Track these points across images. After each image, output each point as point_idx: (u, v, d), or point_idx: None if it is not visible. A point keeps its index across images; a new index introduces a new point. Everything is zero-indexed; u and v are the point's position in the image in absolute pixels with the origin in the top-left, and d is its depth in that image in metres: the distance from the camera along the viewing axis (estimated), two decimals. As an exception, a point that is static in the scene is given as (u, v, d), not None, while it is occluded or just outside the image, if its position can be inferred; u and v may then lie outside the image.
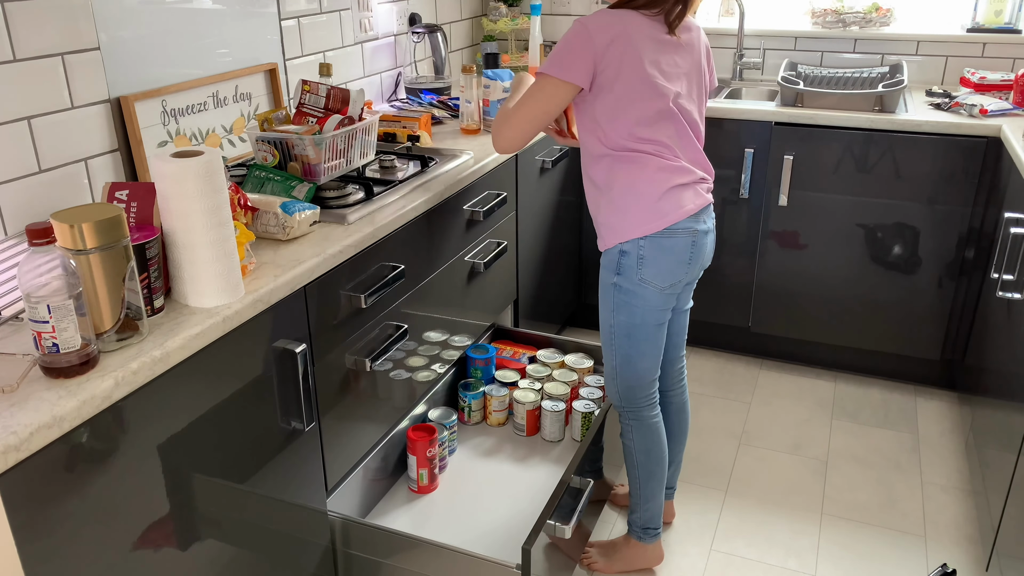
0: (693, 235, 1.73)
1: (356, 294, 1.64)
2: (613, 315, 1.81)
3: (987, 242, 2.51)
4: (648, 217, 1.70)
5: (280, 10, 2.18)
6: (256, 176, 1.73)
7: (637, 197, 1.70)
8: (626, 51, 1.62)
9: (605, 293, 1.81)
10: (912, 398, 2.82)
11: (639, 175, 1.69)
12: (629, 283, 1.75)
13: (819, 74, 2.87)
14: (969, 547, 2.15)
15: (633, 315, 1.78)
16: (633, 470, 1.93)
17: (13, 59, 1.49)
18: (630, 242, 1.72)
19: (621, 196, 1.71)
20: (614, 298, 1.79)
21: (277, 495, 1.52)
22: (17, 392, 1.06)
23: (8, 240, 1.51)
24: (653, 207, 1.70)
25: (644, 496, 1.94)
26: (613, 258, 1.76)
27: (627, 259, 1.74)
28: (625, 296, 1.77)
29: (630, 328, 1.80)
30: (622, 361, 1.84)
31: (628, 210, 1.71)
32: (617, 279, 1.76)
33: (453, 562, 1.64)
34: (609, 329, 1.83)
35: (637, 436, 1.90)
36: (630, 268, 1.74)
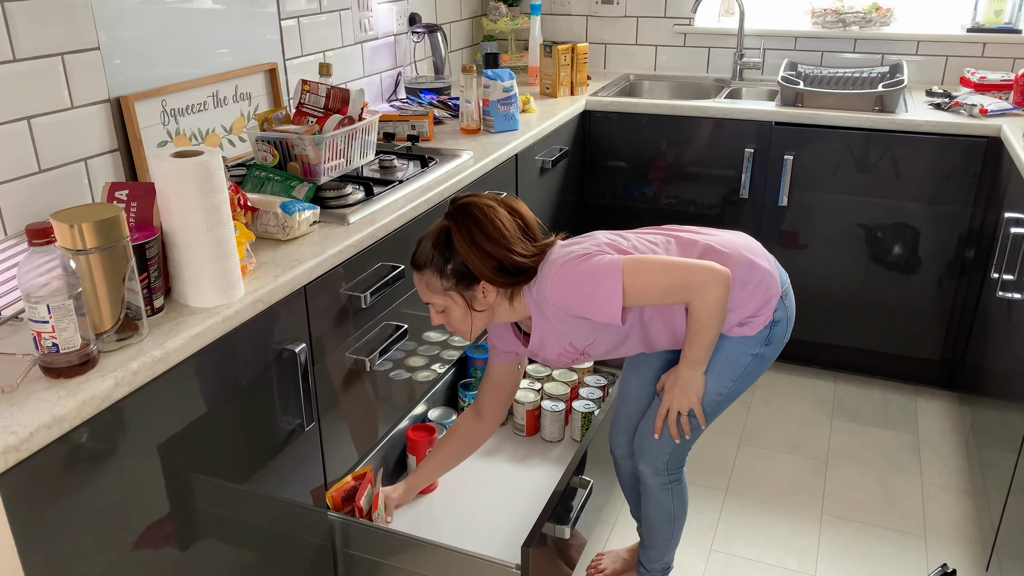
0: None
1: (356, 294, 1.64)
2: (733, 384, 1.66)
3: (987, 242, 2.51)
4: (767, 275, 1.61)
5: (280, 10, 2.18)
6: (256, 176, 1.73)
7: (747, 280, 1.59)
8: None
9: (734, 365, 1.65)
10: (912, 398, 2.82)
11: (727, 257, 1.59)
12: (774, 350, 1.66)
13: (819, 74, 2.87)
14: (969, 547, 2.15)
15: (753, 379, 1.68)
16: (668, 527, 1.86)
17: (13, 59, 1.49)
18: (779, 309, 1.62)
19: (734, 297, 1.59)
20: (746, 368, 1.65)
21: (277, 495, 1.52)
22: (17, 392, 1.06)
23: (8, 240, 1.51)
24: (762, 269, 1.61)
25: (674, 544, 1.90)
26: (763, 330, 1.63)
27: (779, 327, 1.64)
28: (761, 364, 1.66)
29: (738, 393, 1.69)
30: (696, 427, 1.71)
31: (753, 295, 1.60)
32: (763, 349, 1.64)
33: (453, 562, 1.64)
34: (714, 397, 1.67)
35: (676, 496, 1.82)
36: (781, 335, 1.65)
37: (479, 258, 1.48)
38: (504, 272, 1.51)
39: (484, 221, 1.49)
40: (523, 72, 3.22)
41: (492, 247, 1.49)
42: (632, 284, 1.48)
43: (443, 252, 1.51)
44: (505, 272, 1.51)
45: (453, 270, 1.51)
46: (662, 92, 3.28)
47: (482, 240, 1.48)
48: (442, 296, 1.54)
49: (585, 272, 1.49)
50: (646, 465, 1.78)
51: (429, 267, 1.53)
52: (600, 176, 2.95)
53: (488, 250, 1.48)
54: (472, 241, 1.48)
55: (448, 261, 1.51)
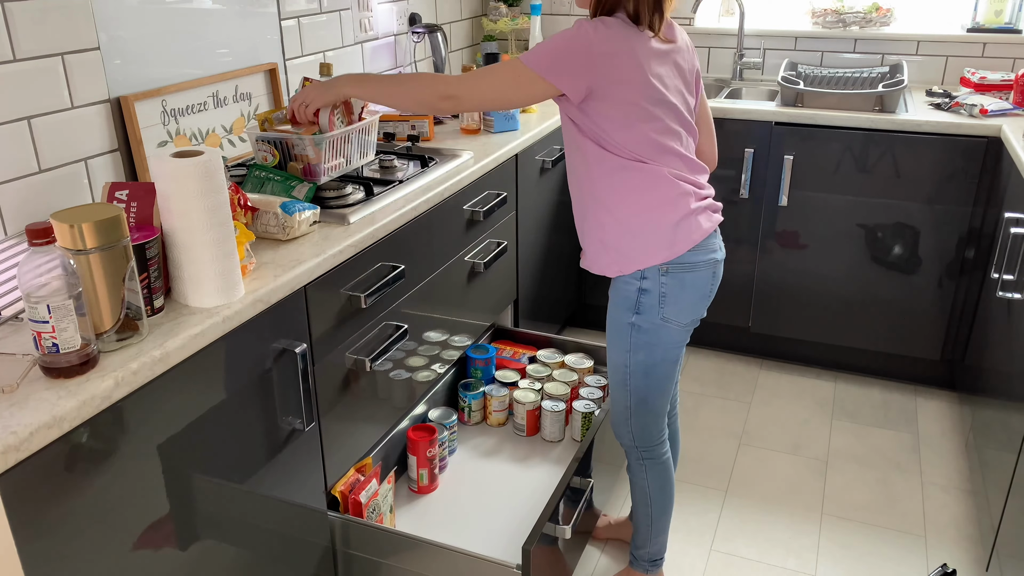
0: (714, 267, 1.66)
1: (356, 294, 1.64)
2: (629, 355, 1.70)
3: (987, 242, 2.51)
4: (665, 243, 1.60)
5: (280, 10, 2.18)
6: (256, 176, 1.73)
7: (653, 219, 1.59)
8: (629, 62, 1.52)
9: (619, 333, 1.69)
10: (912, 398, 2.82)
11: (654, 193, 1.59)
12: (649, 323, 1.65)
13: (819, 74, 2.87)
14: (969, 547, 2.15)
15: (653, 354, 1.68)
16: (645, 508, 1.88)
17: (13, 59, 1.49)
18: (650, 278, 1.62)
19: (635, 216, 1.60)
20: (631, 338, 1.68)
21: (277, 495, 1.52)
22: (17, 392, 1.06)
23: (8, 240, 1.51)
24: (671, 233, 1.60)
25: (656, 531, 1.90)
26: (630, 296, 1.65)
27: (647, 297, 1.64)
28: (644, 336, 1.67)
29: (648, 367, 1.70)
30: (638, 401, 1.75)
31: (642, 233, 1.60)
32: (636, 319, 1.66)
33: (453, 562, 1.64)
34: (624, 370, 1.72)
35: (651, 475, 1.84)
36: (651, 307, 1.64)
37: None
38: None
39: None
40: (523, 72, 3.22)
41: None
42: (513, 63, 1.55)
43: None
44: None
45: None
46: (662, 92, 3.27)
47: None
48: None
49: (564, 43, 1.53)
50: (618, 438, 1.85)
51: None
52: (600, 176, 2.95)
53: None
54: None
55: None
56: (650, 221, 1.60)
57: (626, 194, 1.60)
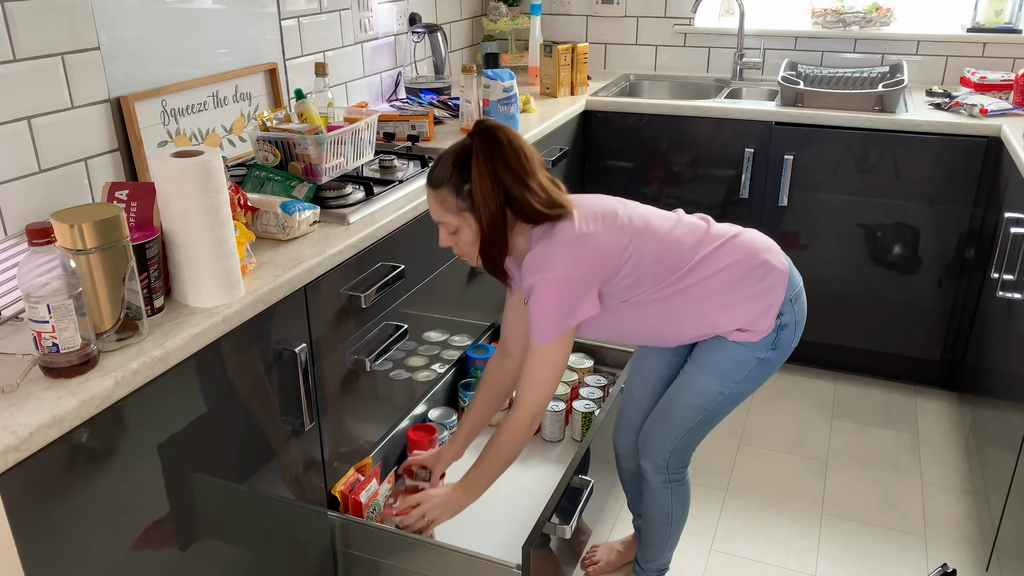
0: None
1: (356, 294, 1.64)
2: (736, 386, 1.64)
3: (987, 242, 2.51)
4: (777, 274, 1.60)
5: (280, 10, 2.18)
6: (256, 176, 1.73)
7: (757, 276, 1.59)
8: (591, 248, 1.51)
9: (739, 366, 1.62)
10: (912, 398, 2.82)
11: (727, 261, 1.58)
12: (780, 355, 1.63)
13: (819, 74, 2.87)
14: (969, 547, 2.15)
15: (759, 382, 1.65)
16: (665, 527, 1.85)
17: (13, 59, 1.49)
18: (786, 313, 1.60)
19: (731, 283, 1.57)
20: (751, 371, 1.63)
21: (277, 495, 1.52)
22: (17, 392, 1.06)
23: (8, 240, 1.51)
24: (772, 267, 1.60)
25: (670, 545, 1.89)
26: (770, 336, 1.61)
27: (786, 332, 1.62)
28: (767, 368, 1.63)
29: (740, 396, 1.66)
30: (700, 426, 1.70)
31: (760, 292, 1.58)
32: (770, 354, 1.62)
33: (453, 562, 1.64)
34: (715, 397, 1.65)
35: (675, 495, 1.81)
36: (787, 340, 1.63)
37: (492, 185, 1.46)
38: (514, 208, 1.49)
39: (508, 149, 1.46)
40: (523, 72, 3.22)
41: (509, 178, 1.46)
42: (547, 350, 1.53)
43: (462, 171, 1.47)
44: (515, 208, 1.49)
45: (471, 191, 1.48)
46: (662, 92, 3.28)
47: (501, 168, 1.46)
48: (456, 216, 1.51)
49: (543, 296, 1.49)
50: (648, 462, 1.78)
51: (446, 185, 1.49)
52: (600, 176, 2.95)
53: (504, 179, 1.46)
54: (491, 167, 1.45)
55: (466, 181, 1.48)
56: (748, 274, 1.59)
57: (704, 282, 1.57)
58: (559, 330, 1.52)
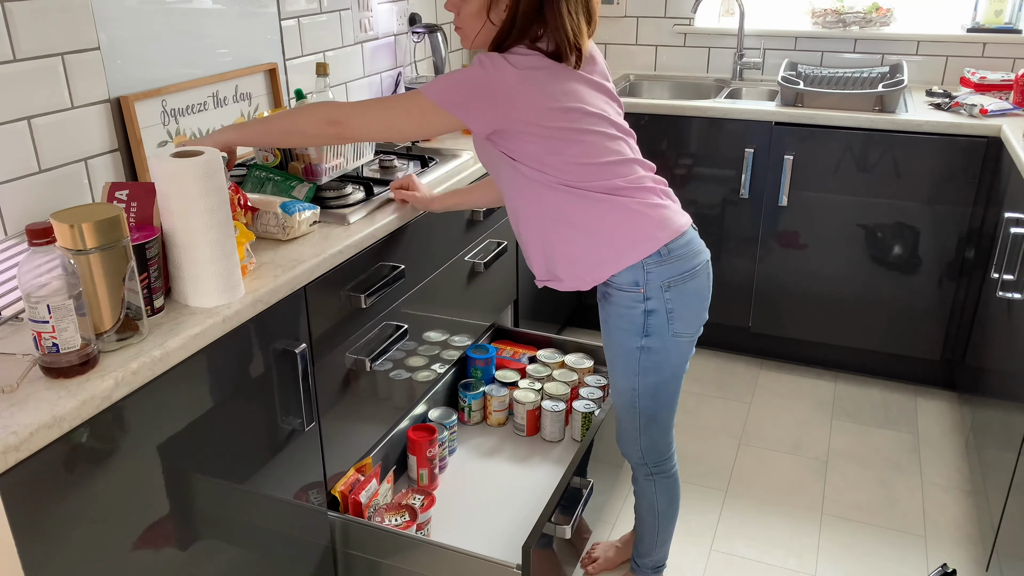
0: (707, 267, 1.61)
1: (356, 294, 1.64)
2: (638, 379, 1.63)
3: (987, 242, 2.51)
4: (643, 240, 1.53)
5: (280, 10, 2.18)
6: (256, 176, 1.73)
7: (623, 225, 1.52)
8: (537, 97, 1.45)
9: (626, 358, 1.62)
10: (912, 398, 2.82)
11: (614, 207, 1.52)
12: (660, 342, 1.59)
13: (819, 74, 2.87)
14: (969, 547, 2.15)
15: (663, 372, 1.63)
16: (652, 520, 1.84)
17: (13, 59, 1.49)
18: (654, 297, 1.55)
19: (606, 222, 1.52)
20: (640, 362, 1.61)
21: (277, 495, 1.52)
22: (17, 392, 1.06)
23: (8, 240, 1.51)
24: (654, 226, 1.53)
25: (661, 540, 1.88)
26: (636, 320, 1.57)
27: (655, 317, 1.56)
28: (655, 356, 1.61)
29: (658, 387, 1.65)
30: (647, 421, 1.70)
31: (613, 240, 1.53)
32: (646, 341, 1.59)
33: (453, 562, 1.64)
34: (631, 393, 1.66)
35: (660, 488, 1.80)
36: (660, 326, 1.58)
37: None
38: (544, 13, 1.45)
39: None
40: (523, 72, 3.22)
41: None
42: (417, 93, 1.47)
43: None
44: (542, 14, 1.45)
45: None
46: (662, 92, 3.28)
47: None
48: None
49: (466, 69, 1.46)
50: (626, 456, 1.80)
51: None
52: (600, 176, 2.95)
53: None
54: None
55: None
56: (629, 220, 1.53)
57: (590, 208, 1.53)
58: (442, 96, 1.45)
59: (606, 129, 1.54)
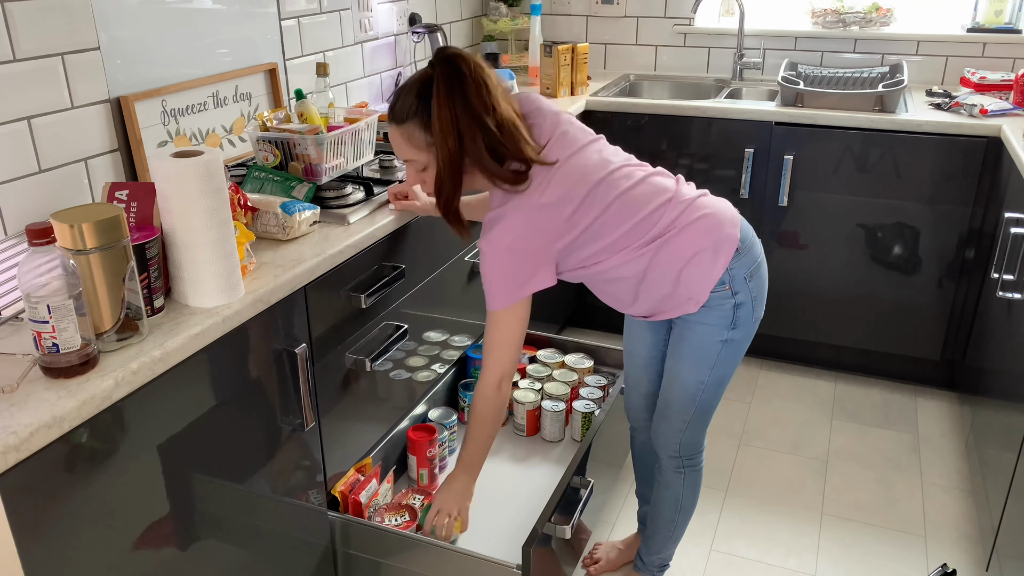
0: (762, 249, 1.63)
1: (356, 294, 1.64)
2: (711, 372, 1.62)
3: (987, 242, 2.51)
4: (723, 241, 1.54)
5: (280, 10, 2.18)
6: (256, 177, 1.73)
7: (698, 241, 1.53)
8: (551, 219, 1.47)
9: (706, 352, 1.61)
10: (912, 398, 2.82)
11: (679, 236, 1.53)
12: (744, 333, 1.60)
13: (819, 74, 2.87)
14: (969, 547, 2.15)
15: (734, 363, 1.63)
16: (673, 514, 1.83)
17: (13, 59, 1.49)
18: (741, 291, 1.55)
19: (680, 257, 1.53)
20: (719, 355, 1.60)
21: (277, 495, 1.52)
22: (17, 392, 1.06)
23: (8, 240, 1.51)
24: (722, 233, 1.55)
25: (676, 536, 1.88)
26: (726, 315, 1.56)
27: (743, 310, 1.57)
28: (735, 348, 1.61)
29: (723, 379, 1.64)
30: (700, 414, 1.69)
31: (700, 258, 1.53)
32: (731, 334, 1.58)
33: (453, 562, 1.64)
34: (698, 387, 1.64)
35: (688, 481, 1.79)
36: (747, 317, 1.58)
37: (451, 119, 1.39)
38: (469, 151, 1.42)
39: (469, 81, 1.38)
40: (523, 72, 3.22)
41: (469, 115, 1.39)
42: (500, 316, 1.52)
43: (428, 103, 1.40)
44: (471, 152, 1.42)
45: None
46: (662, 92, 3.28)
47: (460, 105, 1.38)
48: (425, 152, 1.45)
49: (493, 265, 1.47)
50: (660, 449, 1.79)
51: (412, 119, 1.42)
52: (600, 176, 2.95)
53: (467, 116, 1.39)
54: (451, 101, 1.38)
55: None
56: (694, 249, 1.54)
57: (660, 254, 1.54)
58: (510, 299, 1.50)
59: (621, 180, 1.53)
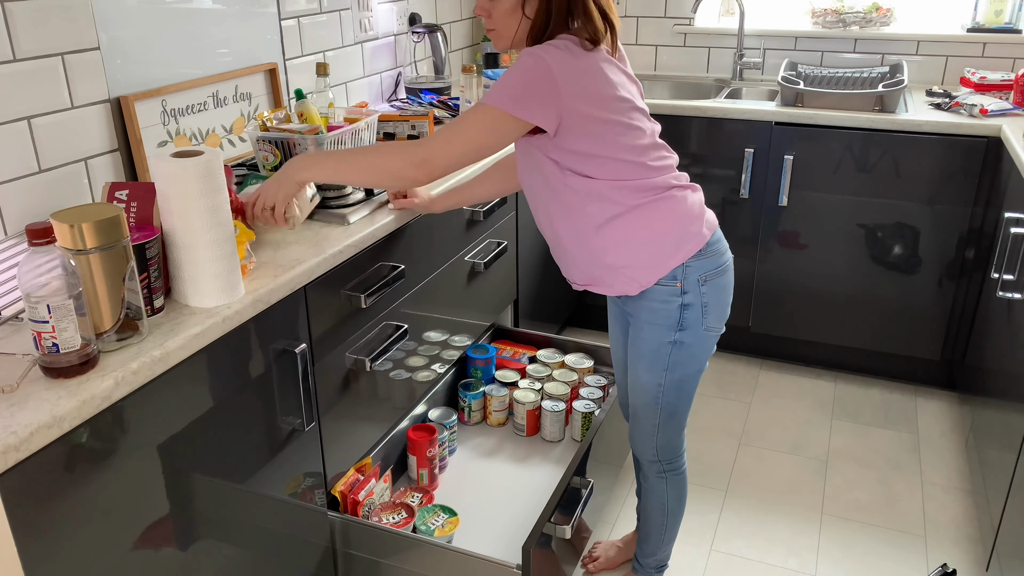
0: (732, 262, 1.64)
1: (356, 294, 1.64)
2: (666, 374, 1.63)
3: (987, 242, 2.51)
4: (690, 237, 1.55)
5: (280, 10, 2.18)
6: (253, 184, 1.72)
7: (672, 222, 1.54)
8: (593, 79, 1.44)
9: (655, 353, 1.62)
10: (912, 398, 2.82)
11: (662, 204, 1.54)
12: (693, 337, 1.60)
13: (819, 74, 2.87)
14: (969, 547, 2.15)
15: (689, 368, 1.63)
16: (661, 518, 1.84)
17: (13, 59, 1.49)
18: (691, 292, 1.56)
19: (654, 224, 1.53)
20: (670, 357, 1.61)
21: (277, 495, 1.52)
22: (17, 392, 1.06)
23: (8, 240, 1.51)
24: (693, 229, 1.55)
25: (668, 539, 1.88)
26: (672, 315, 1.57)
27: (691, 311, 1.57)
28: (685, 351, 1.61)
29: (682, 382, 1.65)
30: (667, 417, 1.70)
31: (664, 238, 1.54)
32: (679, 335, 1.59)
33: (453, 562, 1.64)
34: (656, 389, 1.65)
35: (671, 486, 1.80)
36: (695, 321, 1.59)
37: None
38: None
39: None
40: (523, 72, 3.22)
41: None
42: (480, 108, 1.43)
43: None
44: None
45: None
46: (662, 92, 3.28)
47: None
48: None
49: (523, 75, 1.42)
50: (639, 455, 1.79)
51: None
52: (600, 176, 2.95)
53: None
54: None
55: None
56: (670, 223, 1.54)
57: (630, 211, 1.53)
58: (506, 101, 1.41)
59: (646, 125, 1.55)
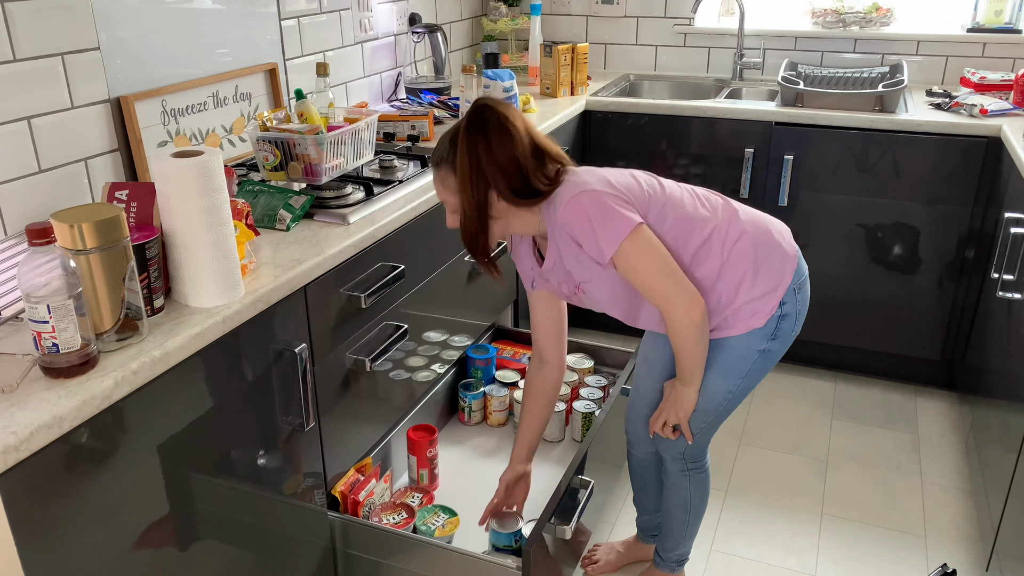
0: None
1: (356, 294, 1.64)
2: (741, 381, 1.63)
3: (987, 242, 2.51)
4: (787, 256, 1.58)
5: (280, 10, 2.18)
6: (248, 190, 1.71)
7: (767, 252, 1.57)
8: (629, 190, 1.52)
9: (741, 361, 1.61)
10: (912, 398, 2.82)
11: (744, 238, 1.56)
12: (781, 345, 1.61)
13: (819, 74, 2.87)
14: (969, 547, 2.15)
15: (761, 375, 1.64)
16: (683, 515, 1.85)
17: (13, 59, 1.49)
18: (788, 302, 1.57)
19: (749, 262, 1.55)
20: (753, 364, 1.61)
21: (277, 495, 1.52)
22: (17, 392, 1.06)
23: (8, 240, 1.51)
24: (787, 240, 1.61)
25: (690, 534, 1.89)
26: (769, 323, 1.58)
27: (786, 321, 1.58)
28: (768, 359, 1.62)
29: (748, 389, 1.65)
30: (715, 420, 1.70)
31: (770, 269, 1.56)
32: (770, 344, 1.59)
33: (453, 562, 1.64)
34: (723, 395, 1.65)
35: (694, 483, 1.81)
36: (787, 330, 1.60)
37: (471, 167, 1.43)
38: (513, 189, 1.46)
39: (495, 131, 1.43)
40: (523, 72, 3.22)
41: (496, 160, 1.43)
42: (627, 252, 1.46)
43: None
44: (514, 189, 1.46)
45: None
46: (662, 92, 3.28)
47: (484, 153, 1.43)
48: (456, 195, 1.48)
49: (601, 206, 1.45)
50: (665, 453, 1.79)
51: (444, 164, 1.48)
52: (600, 176, 2.95)
53: (498, 161, 1.43)
54: (475, 151, 1.43)
55: None
56: (765, 255, 1.57)
57: (726, 257, 1.55)
58: (624, 226, 1.44)
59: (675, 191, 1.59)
